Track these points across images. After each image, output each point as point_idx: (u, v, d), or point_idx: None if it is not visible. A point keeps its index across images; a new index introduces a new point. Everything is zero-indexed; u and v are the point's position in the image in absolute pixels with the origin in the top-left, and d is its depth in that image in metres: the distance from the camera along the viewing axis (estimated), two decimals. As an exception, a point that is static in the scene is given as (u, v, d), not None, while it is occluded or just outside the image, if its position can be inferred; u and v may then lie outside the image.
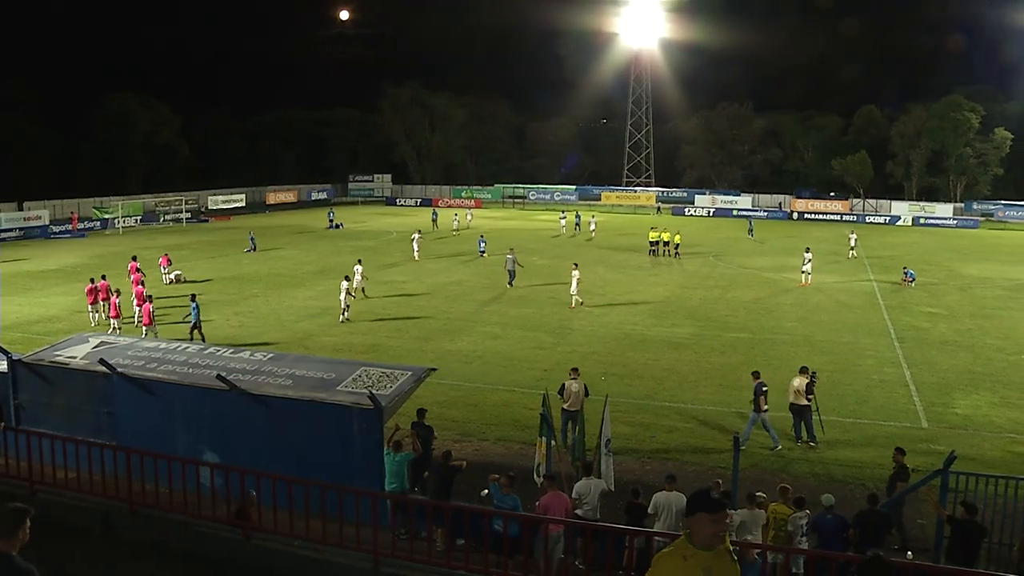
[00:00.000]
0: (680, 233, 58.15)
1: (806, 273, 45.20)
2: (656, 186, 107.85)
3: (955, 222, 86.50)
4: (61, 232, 66.89)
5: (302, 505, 12.61)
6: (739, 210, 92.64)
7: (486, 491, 14.97)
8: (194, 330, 30.68)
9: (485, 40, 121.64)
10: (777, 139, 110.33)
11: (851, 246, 58.14)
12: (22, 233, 64.82)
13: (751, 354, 30.87)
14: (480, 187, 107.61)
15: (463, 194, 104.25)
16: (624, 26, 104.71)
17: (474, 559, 12.45)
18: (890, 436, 22.12)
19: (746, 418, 23.62)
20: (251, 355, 17.85)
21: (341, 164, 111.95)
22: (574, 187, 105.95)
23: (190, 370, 16.76)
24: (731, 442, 16.64)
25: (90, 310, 34.71)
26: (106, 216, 72.25)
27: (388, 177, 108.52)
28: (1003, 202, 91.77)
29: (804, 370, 22.44)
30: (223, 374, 15.88)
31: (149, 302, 31.86)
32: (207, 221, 79.45)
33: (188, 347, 18.75)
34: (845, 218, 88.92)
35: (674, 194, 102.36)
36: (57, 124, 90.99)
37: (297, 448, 15.43)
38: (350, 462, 15.25)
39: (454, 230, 69.60)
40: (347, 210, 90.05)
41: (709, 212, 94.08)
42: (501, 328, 34.46)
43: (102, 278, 36.22)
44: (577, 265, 39.63)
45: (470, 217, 74.90)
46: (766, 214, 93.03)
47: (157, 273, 42.36)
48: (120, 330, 31.79)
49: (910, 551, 15.36)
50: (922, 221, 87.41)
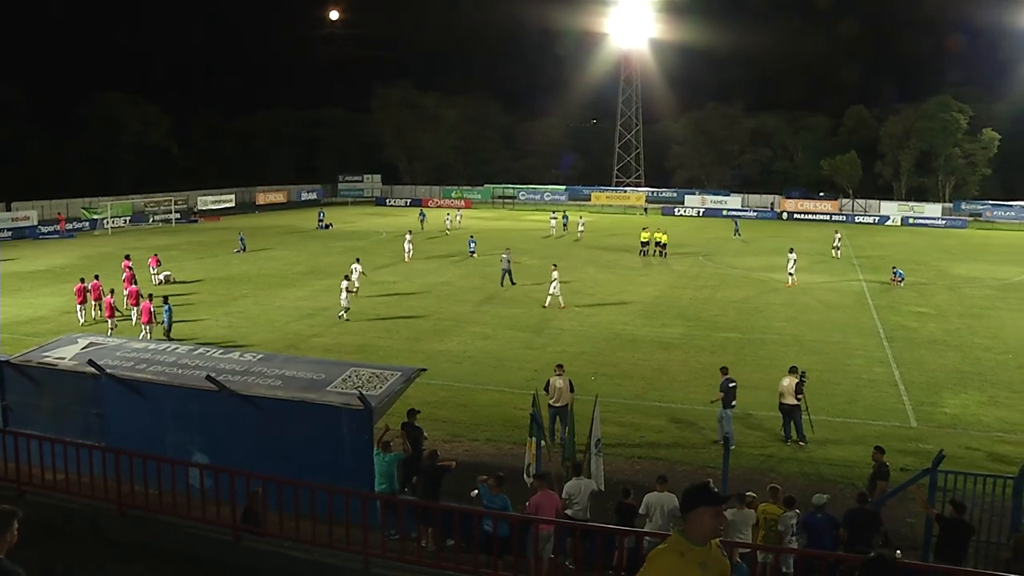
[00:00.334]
0: (666, 233, 58.14)
1: (791, 274, 45.25)
2: (646, 186, 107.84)
3: (944, 222, 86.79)
4: (49, 233, 66.62)
5: (292, 506, 12.59)
6: (728, 210, 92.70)
7: (475, 492, 14.96)
8: (167, 333, 30.70)
9: (475, 40, 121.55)
10: (767, 139, 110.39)
11: (835, 245, 58.10)
12: (10, 234, 64.54)
13: (741, 354, 30.94)
14: (470, 187, 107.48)
15: (453, 194, 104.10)
16: (614, 26, 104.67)
17: (464, 559, 12.45)
18: (879, 435, 22.18)
19: (736, 418, 23.64)
20: (241, 356, 17.81)
21: (331, 164, 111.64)
22: (564, 187, 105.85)
23: (179, 371, 16.71)
24: (720, 442, 16.67)
25: (79, 309, 34.69)
26: (95, 216, 71.98)
27: (378, 177, 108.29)
28: (991, 202, 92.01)
29: (793, 370, 22.51)
30: (213, 375, 15.84)
31: (148, 300, 31.99)
32: (197, 221, 79.27)
33: (178, 348, 18.69)
34: (834, 218, 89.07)
35: (664, 194, 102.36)
36: (46, 124, 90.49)
37: (287, 449, 15.40)
38: (340, 463, 15.23)
39: (447, 230, 69.57)
40: (337, 210, 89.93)
41: (699, 212, 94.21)
42: (491, 328, 34.47)
43: (95, 278, 36.27)
44: (556, 266, 39.66)
45: (460, 218, 74.74)
46: (756, 214, 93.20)
47: (146, 274, 42.19)
48: (116, 328, 31.87)
49: (899, 549, 15.40)
50: (911, 221, 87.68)
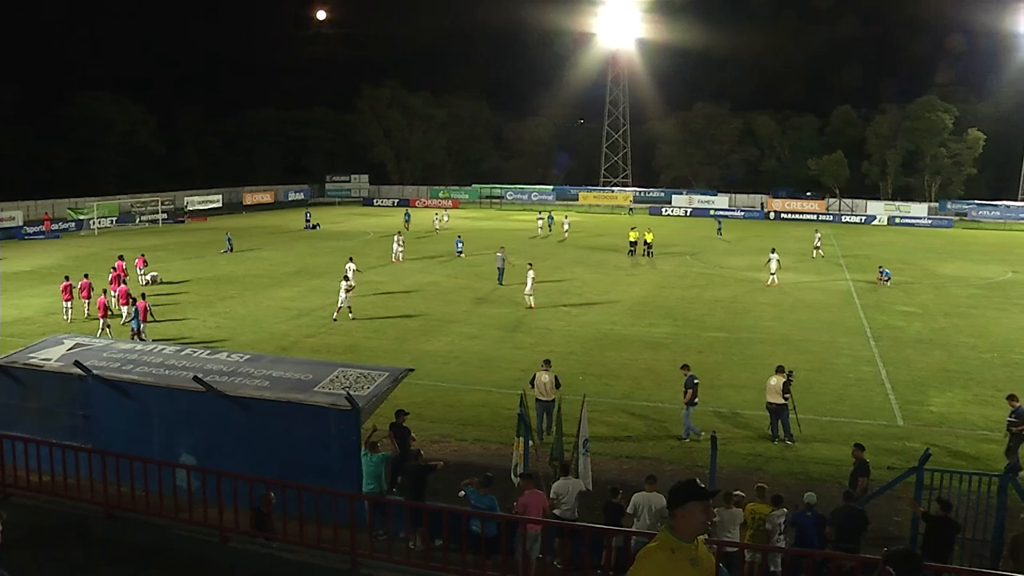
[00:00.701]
0: (652, 232, 58.17)
1: (773, 274, 45.23)
2: (633, 186, 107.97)
3: (930, 221, 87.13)
4: (35, 233, 66.22)
5: (279, 507, 12.57)
6: (716, 210, 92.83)
7: (463, 492, 14.97)
8: (137, 334, 30.54)
9: (464, 40, 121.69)
10: (754, 139, 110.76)
11: (816, 245, 58.00)
12: (-5, 234, 64.22)
13: (728, 353, 31.01)
14: (458, 187, 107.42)
15: (440, 194, 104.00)
16: (601, 26, 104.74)
17: (452, 559, 12.46)
18: (866, 434, 22.24)
19: (724, 417, 23.86)
20: (228, 356, 17.76)
21: (318, 164, 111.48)
22: (552, 187, 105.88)
23: (167, 372, 16.67)
24: (708, 441, 16.71)
25: (65, 307, 34.65)
26: (81, 217, 71.63)
27: (365, 178, 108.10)
28: (976, 202, 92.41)
29: (781, 369, 22.55)
30: (200, 376, 15.82)
31: (143, 299, 32.08)
32: (184, 222, 78.96)
33: (165, 349, 18.65)
34: (822, 218, 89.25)
35: (651, 194, 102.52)
36: (31, 123, 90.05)
37: (274, 450, 15.39)
38: (328, 463, 15.23)
39: (436, 229, 69.52)
40: (324, 211, 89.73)
41: (686, 212, 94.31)
42: (479, 328, 34.46)
43: (84, 277, 36.35)
44: (531, 265, 39.64)
45: (447, 218, 74.59)
46: (743, 214, 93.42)
47: (133, 274, 42.00)
48: (110, 328, 31.84)
49: (886, 548, 15.44)
50: (897, 221, 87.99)
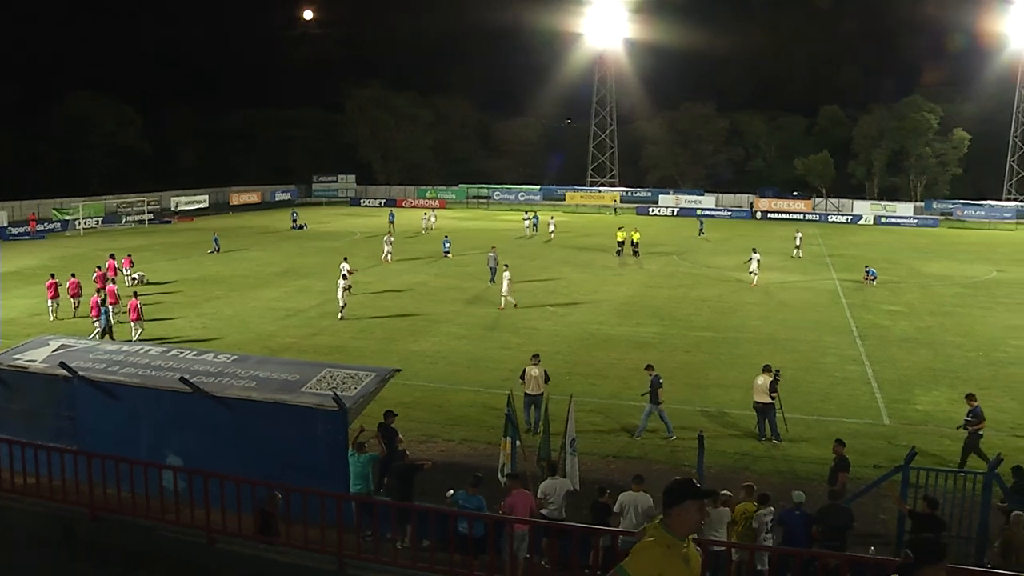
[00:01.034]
0: (639, 232, 58.22)
1: (754, 274, 45.18)
2: (620, 186, 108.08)
3: (915, 221, 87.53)
4: (20, 234, 65.86)
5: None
6: (703, 210, 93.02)
7: (451, 492, 14.97)
8: (105, 335, 30.41)
9: (450, 40, 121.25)
10: (741, 139, 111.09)
11: (796, 245, 57.98)
12: (-21, 235, 63.90)
13: (715, 352, 31.10)
14: (444, 187, 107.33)
15: (427, 194, 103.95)
16: (588, 26, 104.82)
17: (440, 559, 12.44)
18: (852, 433, 22.32)
19: (711, 416, 23.92)
20: (215, 357, 17.71)
21: (305, 165, 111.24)
22: (539, 187, 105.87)
23: (153, 373, 16.62)
24: (695, 440, 16.74)
25: (50, 305, 34.62)
26: (66, 217, 71.31)
27: (352, 178, 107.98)
28: (961, 201, 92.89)
29: (767, 368, 22.61)
30: (186, 376, 15.78)
31: (135, 297, 32.23)
32: (170, 222, 78.66)
33: (151, 349, 18.59)
34: (808, 217, 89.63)
35: (638, 194, 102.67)
36: (16, 123, 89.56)
37: (261, 450, 15.35)
38: (315, 464, 15.20)
39: (425, 229, 69.44)
40: (311, 211, 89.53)
41: (673, 212, 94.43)
42: (466, 328, 34.46)
43: (72, 276, 36.38)
44: (508, 266, 39.54)
45: (434, 218, 74.30)
46: (729, 213, 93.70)
47: (120, 274, 41.85)
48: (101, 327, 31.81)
49: (872, 546, 15.52)
50: (883, 220, 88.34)
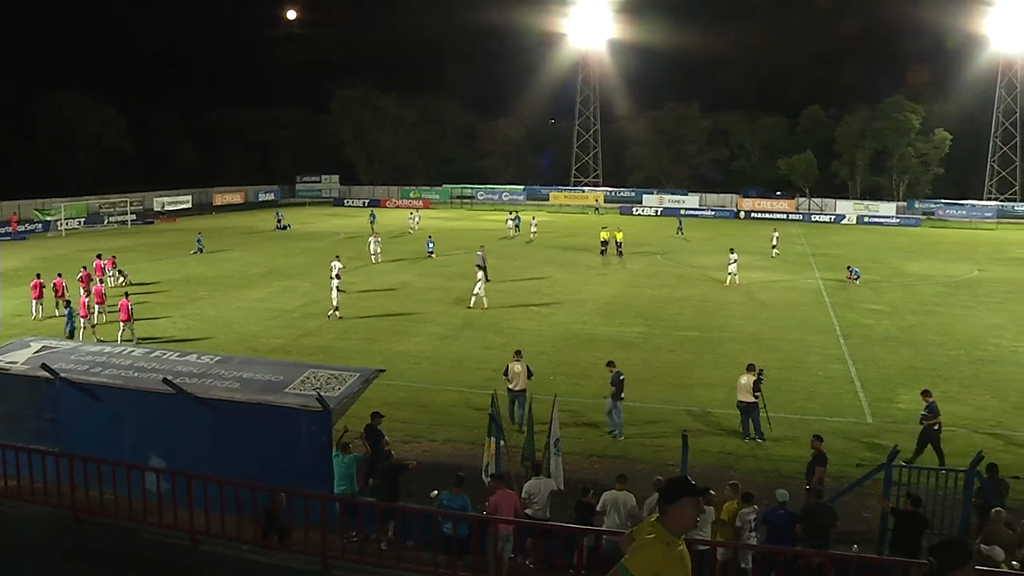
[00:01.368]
0: (623, 231, 58.29)
1: (732, 274, 45.16)
2: (604, 186, 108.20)
3: (898, 220, 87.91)
4: (1, 235, 65.45)
5: (251, 509, 12.50)
6: (687, 209, 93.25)
7: (435, 492, 14.97)
8: (70, 338, 30.22)
9: (435, 41, 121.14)
10: (724, 139, 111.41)
11: (773, 244, 58.11)
12: (-40, 236, 63.44)
13: (699, 352, 31.18)
14: (428, 187, 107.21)
15: (411, 194, 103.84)
16: (572, 27, 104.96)
17: (424, 560, 12.43)
18: (836, 431, 22.47)
19: (695, 415, 23.99)
20: (198, 358, 17.62)
21: (289, 165, 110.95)
22: (522, 187, 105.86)
23: (136, 374, 16.53)
24: (679, 440, 16.77)
25: (33, 305, 34.56)
26: (48, 218, 70.89)
27: (336, 178, 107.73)
28: (943, 201, 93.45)
29: (751, 367, 22.70)
30: (169, 377, 15.70)
31: (126, 298, 32.16)
32: (153, 223, 78.29)
33: (133, 351, 18.50)
34: (792, 217, 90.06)
35: (622, 194, 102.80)
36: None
37: (245, 451, 15.30)
38: (299, 464, 15.16)
39: (411, 229, 69.37)
40: (295, 211, 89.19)
41: (657, 212, 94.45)
42: (450, 328, 34.44)
43: (58, 275, 36.37)
44: (479, 267, 39.42)
45: (418, 218, 74.12)
46: (713, 213, 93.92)
47: (105, 275, 41.66)
48: (95, 328, 31.89)
49: (856, 544, 15.59)
50: (866, 220, 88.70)
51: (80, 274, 37.32)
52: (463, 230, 71.75)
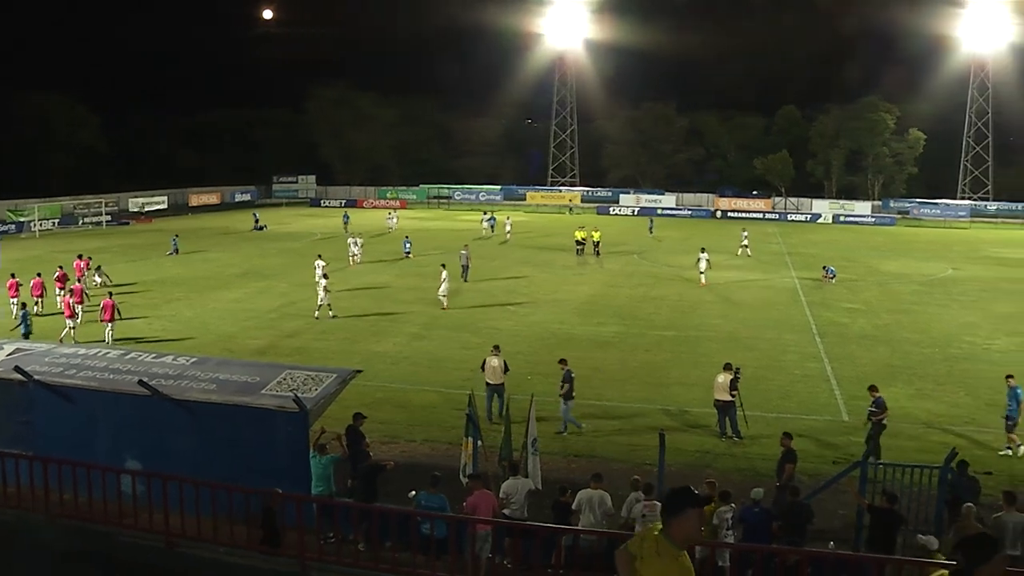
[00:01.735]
0: (599, 231, 58.37)
1: (702, 273, 45.12)
2: (581, 185, 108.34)
3: (873, 219, 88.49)
4: (-26, 236, 64.93)
5: (227, 510, 12.45)
6: (663, 209, 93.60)
7: (412, 492, 14.94)
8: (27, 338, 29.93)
9: (412, 40, 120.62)
10: (700, 139, 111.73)
11: (742, 244, 58.09)
12: (-68, 237, 62.75)
13: (676, 351, 31.29)
14: (405, 187, 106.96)
15: (388, 195, 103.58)
16: (549, 27, 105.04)
17: (402, 560, 12.42)
18: (812, 429, 22.63)
19: (672, 415, 24.09)
20: (174, 359, 17.51)
21: (265, 165, 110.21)
22: (499, 187, 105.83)
23: (111, 376, 16.43)
24: (656, 439, 16.82)
25: (12, 304, 34.26)
26: (21, 219, 70.27)
27: (313, 178, 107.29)
28: (918, 200, 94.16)
29: (728, 366, 22.77)
30: (145, 379, 15.62)
31: (109, 297, 32.09)
32: (128, 224, 77.70)
33: (109, 353, 18.37)
34: (768, 216, 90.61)
35: (599, 193, 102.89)
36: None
37: (222, 453, 15.23)
38: (276, 466, 15.11)
39: (390, 229, 69.30)
40: (271, 212, 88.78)
41: (634, 211, 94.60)
42: (427, 329, 34.40)
43: (37, 275, 36.23)
44: (445, 266, 39.24)
45: (396, 219, 73.87)
46: (690, 213, 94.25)
47: (74, 277, 41.34)
48: (76, 328, 31.57)
49: (832, 541, 15.69)
50: (842, 219, 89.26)
51: (57, 273, 37.10)
52: (440, 230, 71.67)
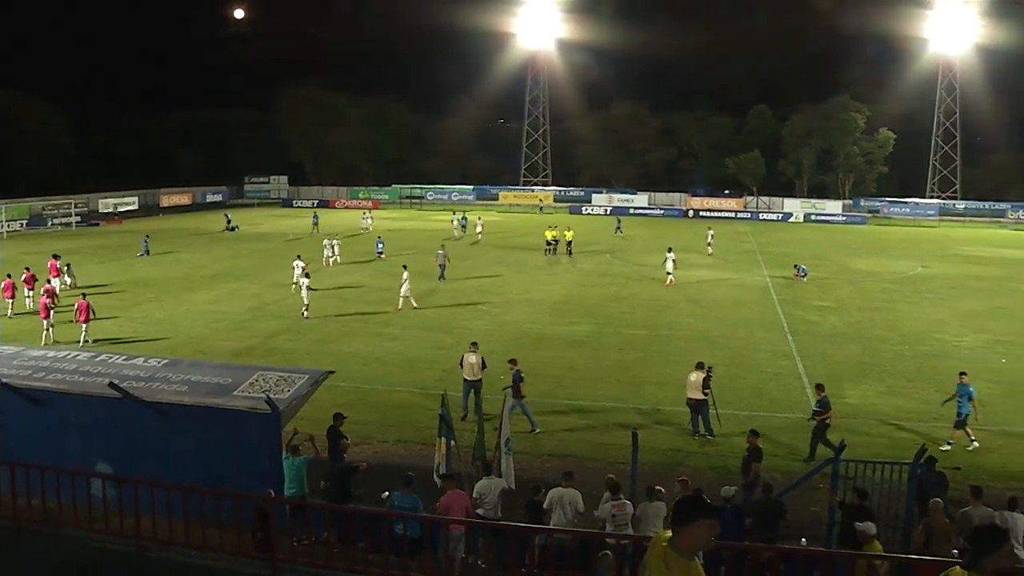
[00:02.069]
0: (572, 230, 58.44)
1: (669, 273, 45.09)
2: (554, 185, 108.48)
3: (844, 218, 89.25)
4: (-60, 238, 64.15)
5: (198, 512, 12.37)
6: (636, 208, 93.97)
7: (386, 493, 14.92)
8: None
9: (383, 40, 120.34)
10: (672, 138, 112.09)
11: (708, 242, 58.41)
12: None
13: (649, 350, 31.39)
14: (377, 188, 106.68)
15: (360, 195, 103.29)
16: (521, 26, 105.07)
17: (375, 561, 12.39)
18: (784, 427, 22.78)
19: (645, 413, 24.16)
20: (145, 361, 17.39)
21: (237, 165, 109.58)
22: (472, 187, 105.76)
23: (81, 378, 16.29)
24: (629, 438, 16.87)
25: None
26: (-12, 221, 69.55)
27: (284, 179, 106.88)
28: (888, 199, 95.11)
29: (700, 365, 22.89)
30: (116, 381, 15.48)
31: (83, 298, 31.86)
32: (98, 224, 76.97)
33: (79, 355, 18.21)
34: (740, 215, 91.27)
35: (571, 193, 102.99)
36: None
37: (194, 455, 15.12)
38: (248, 468, 15.03)
39: (362, 228, 69.13)
40: (243, 212, 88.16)
41: (606, 211, 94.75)
42: (399, 329, 34.34)
43: (7, 276, 36.02)
44: (406, 267, 39.11)
45: (370, 219, 73.56)
46: (662, 212, 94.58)
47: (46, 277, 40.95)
48: (53, 328, 31.24)
49: (804, 538, 15.80)
50: (813, 218, 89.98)
51: (24, 275, 36.80)
52: (412, 230, 71.55)
